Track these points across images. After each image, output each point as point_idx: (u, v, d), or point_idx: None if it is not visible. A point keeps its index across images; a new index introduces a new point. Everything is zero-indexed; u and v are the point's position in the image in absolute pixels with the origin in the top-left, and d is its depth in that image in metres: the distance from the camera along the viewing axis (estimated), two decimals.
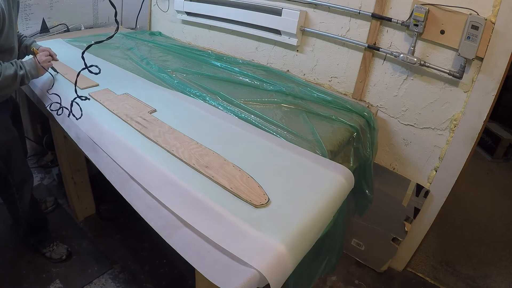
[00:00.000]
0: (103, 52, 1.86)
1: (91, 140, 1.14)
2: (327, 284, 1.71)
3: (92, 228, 1.86)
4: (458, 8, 1.28)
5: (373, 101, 1.66)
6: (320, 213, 0.91)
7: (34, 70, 1.30)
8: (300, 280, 1.13)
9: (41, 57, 1.33)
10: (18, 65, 1.24)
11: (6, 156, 1.36)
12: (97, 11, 2.40)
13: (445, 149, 1.51)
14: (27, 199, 1.50)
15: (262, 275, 0.70)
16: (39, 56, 1.33)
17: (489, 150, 3.25)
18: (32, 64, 1.29)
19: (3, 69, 1.17)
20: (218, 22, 2.08)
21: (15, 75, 1.21)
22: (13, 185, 1.44)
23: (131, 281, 1.60)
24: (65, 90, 1.38)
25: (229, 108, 1.38)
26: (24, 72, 1.24)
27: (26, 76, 1.25)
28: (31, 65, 1.29)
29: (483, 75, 1.32)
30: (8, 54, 1.28)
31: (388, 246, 1.72)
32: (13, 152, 1.39)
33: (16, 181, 1.44)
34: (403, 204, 1.63)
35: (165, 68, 1.71)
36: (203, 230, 0.78)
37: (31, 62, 1.30)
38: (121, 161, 1.02)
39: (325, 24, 1.70)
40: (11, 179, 1.42)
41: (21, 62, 1.26)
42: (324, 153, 1.16)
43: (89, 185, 1.86)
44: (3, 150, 1.35)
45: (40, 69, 1.32)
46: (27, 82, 1.28)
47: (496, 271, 1.92)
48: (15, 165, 1.41)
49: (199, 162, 1.00)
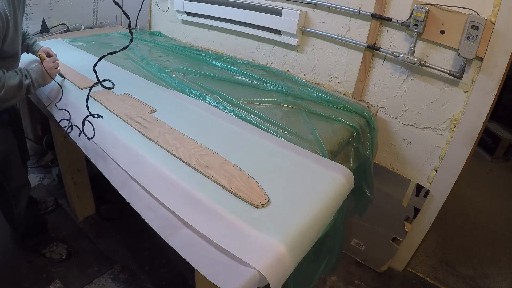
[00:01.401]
0: (103, 52, 1.83)
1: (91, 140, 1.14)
2: (327, 284, 1.71)
3: (92, 228, 1.86)
4: (458, 8, 1.28)
5: (373, 101, 1.66)
6: (320, 213, 0.91)
7: (40, 78, 1.23)
8: (300, 280, 1.13)
9: (48, 63, 1.26)
10: (23, 74, 1.16)
11: (4, 164, 1.33)
12: (97, 11, 2.40)
13: (445, 149, 1.51)
14: (23, 205, 1.48)
15: (262, 275, 0.70)
16: (46, 63, 1.26)
17: (489, 150, 3.25)
18: (38, 72, 1.22)
19: (7, 79, 1.10)
20: (218, 22, 2.08)
21: (20, 85, 1.14)
22: (9, 192, 1.41)
23: (131, 281, 1.60)
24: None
25: (229, 108, 1.38)
26: (30, 81, 1.17)
27: (32, 86, 1.19)
28: (37, 73, 1.21)
29: (483, 75, 1.32)
30: (13, 60, 1.21)
31: (388, 246, 1.72)
32: (10, 161, 1.35)
33: (12, 188, 1.41)
34: (403, 204, 1.63)
35: (165, 68, 1.71)
36: (203, 230, 0.78)
37: (37, 70, 1.22)
38: (121, 161, 1.02)
39: (325, 24, 1.70)
40: (7, 186, 1.39)
41: (27, 70, 1.19)
42: (324, 153, 1.16)
43: (89, 185, 1.86)
44: (1, 159, 1.31)
45: (47, 77, 1.25)
46: (33, 91, 1.21)
47: (496, 271, 1.92)
48: (12, 173, 1.38)
49: (199, 162, 1.00)
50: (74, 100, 1.31)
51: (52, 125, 1.60)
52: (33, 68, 1.22)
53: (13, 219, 1.52)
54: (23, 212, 1.49)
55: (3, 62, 1.15)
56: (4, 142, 1.32)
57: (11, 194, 1.42)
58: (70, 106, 1.28)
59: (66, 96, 1.33)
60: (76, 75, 1.52)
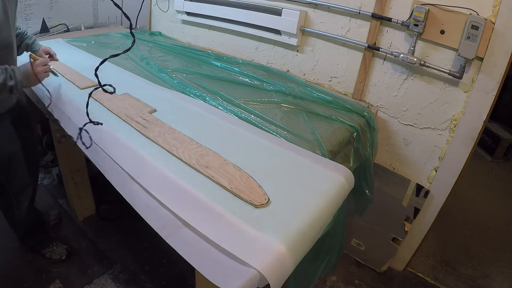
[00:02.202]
0: (103, 52, 1.86)
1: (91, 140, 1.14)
2: (327, 284, 1.71)
3: (92, 228, 1.86)
4: (458, 8, 1.28)
5: (373, 101, 1.66)
6: (320, 213, 0.91)
7: (26, 80, 1.16)
8: (300, 280, 1.13)
9: (37, 67, 1.19)
10: (8, 73, 1.10)
11: (7, 166, 1.32)
12: (97, 11, 2.40)
13: (445, 149, 1.51)
14: (25, 207, 1.47)
15: (262, 275, 0.70)
16: (36, 66, 1.19)
17: (489, 150, 3.25)
18: (25, 73, 1.16)
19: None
20: (218, 22, 2.08)
21: (3, 85, 1.09)
22: (11, 192, 1.40)
23: (131, 281, 1.60)
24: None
25: (229, 108, 1.38)
26: (14, 83, 1.11)
27: (15, 87, 1.13)
28: (24, 74, 1.15)
29: (483, 75, 1.32)
30: (6, 53, 1.16)
31: (388, 246, 1.72)
32: (13, 162, 1.34)
33: (14, 189, 1.41)
34: (403, 204, 1.63)
35: (165, 68, 1.71)
36: (203, 230, 0.78)
37: (24, 71, 1.16)
38: (121, 161, 1.02)
39: (325, 24, 1.70)
40: (9, 187, 1.39)
41: (13, 70, 1.13)
42: (324, 153, 1.16)
43: (89, 185, 1.86)
44: (4, 161, 1.31)
45: (34, 80, 1.19)
46: (15, 92, 1.16)
47: (496, 271, 1.92)
48: (15, 175, 1.37)
49: (199, 162, 1.00)
50: (74, 101, 1.31)
51: (52, 125, 1.59)
52: (20, 68, 1.17)
53: (14, 219, 1.51)
54: (25, 213, 1.48)
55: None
56: (7, 143, 1.30)
57: (12, 195, 1.41)
58: (70, 107, 1.28)
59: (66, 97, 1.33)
60: (76, 75, 1.52)
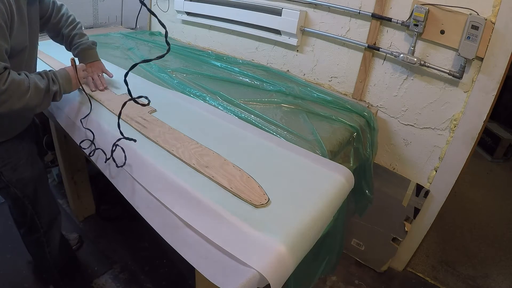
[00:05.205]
0: (103, 52, 1.86)
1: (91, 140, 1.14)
2: (327, 284, 1.71)
3: (92, 228, 1.86)
4: (458, 8, 1.29)
5: (373, 101, 1.66)
6: (320, 213, 0.91)
7: (67, 85, 1.05)
8: (300, 280, 1.13)
9: (80, 72, 1.10)
10: (50, 77, 0.97)
11: (33, 194, 1.14)
12: (97, 11, 2.40)
13: (445, 149, 1.51)
14: (57, 241, 1.28)
15: (262, 275, 0.70)
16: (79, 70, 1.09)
17: (489, 150, 3.25)
18: (67, 77, 1.04)
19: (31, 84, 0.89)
20: (218, 22, 2.09)
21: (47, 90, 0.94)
22: (40, 227, 1.20)
23: (131, 281, 1.60)
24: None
25: (229, 108, 1.38)
26: (57, 88, 0.98)
27: (59, 93, 1.00)
28: (65, 78, 1.03)
29: (483, 75, 1.32)
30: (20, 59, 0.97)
31: (388, 246, 1.73)
32: (40, 189, 1.17)
33: (44, 224, 1.20)
34: (403, 204, 1.63)
35: (165, 68, 1.71)
36: (203, 230, 0.78)
37: (65, 74, 1.04)
38: (120, 161, 1.02)
39: (325, 24, 1.70)
40: (38, 221, 1.19)
41: (54, 74, 1.00)
42: (324, 153, 1.16)
43: (89, 185, 1.86)
44: (30, 188, 1.12)
45: (76, 85, 1.08)
46: (58, 99, 1.03)
47: (496, 271, 1.92)
48: (43, 204, 1.18)
49: (199, 162, 1.00)
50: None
51: (52, 125, 1.59)
52: (60, 72, 1.05)
53: (45, 259, 1.30)
54: (57, 248, 1.29)
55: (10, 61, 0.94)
56: (29, 167, 1.10)
57: (42, 231, 1.21)
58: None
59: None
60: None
